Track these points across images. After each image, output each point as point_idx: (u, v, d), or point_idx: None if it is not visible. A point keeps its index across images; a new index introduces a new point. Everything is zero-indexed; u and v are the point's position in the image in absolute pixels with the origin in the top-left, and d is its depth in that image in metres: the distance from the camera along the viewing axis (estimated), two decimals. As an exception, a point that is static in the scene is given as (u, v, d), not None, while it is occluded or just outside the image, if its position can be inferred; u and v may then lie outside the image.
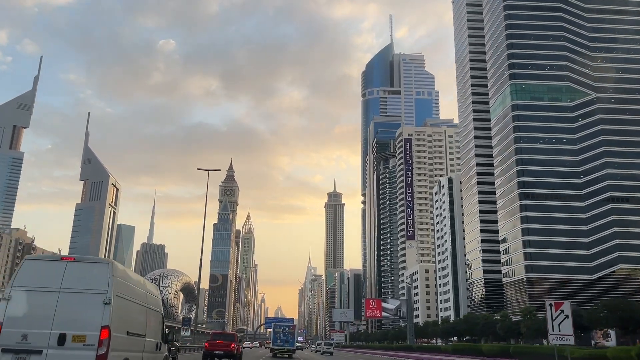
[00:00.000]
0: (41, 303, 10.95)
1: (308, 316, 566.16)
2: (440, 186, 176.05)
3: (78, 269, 11.44)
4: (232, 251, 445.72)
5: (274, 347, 55.24)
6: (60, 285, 11.10)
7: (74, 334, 10.79)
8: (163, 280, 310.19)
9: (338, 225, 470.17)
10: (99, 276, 11.31)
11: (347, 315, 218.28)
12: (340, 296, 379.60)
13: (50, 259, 12.12)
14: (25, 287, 11.10)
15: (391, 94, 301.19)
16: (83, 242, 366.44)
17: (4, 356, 10.62)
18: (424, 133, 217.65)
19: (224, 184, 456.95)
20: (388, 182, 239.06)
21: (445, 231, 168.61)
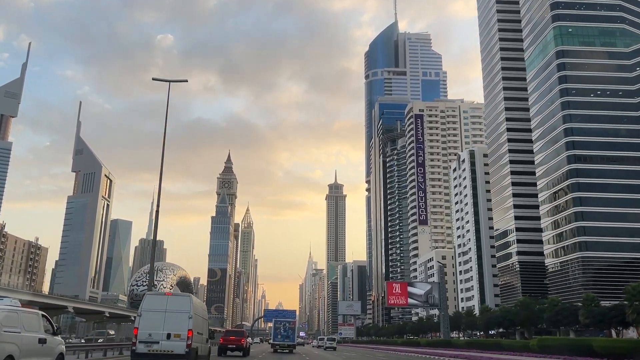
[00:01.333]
0: (157, 317, 20.19)
1: (309, 311, 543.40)
2: (459, 161, 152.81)
3: (174, 299, 21.34)
4: (231, 245, 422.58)
5: (275, 343, 55.15)
6: (165, 308, 20.41)
7: (174, 333, 20.04)
8: (158, 274, 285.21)
9: (340, 217, 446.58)
10: (185, 303, 20.84)
11: (353, 308, 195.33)
12: (343, 290, 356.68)
13: (159, 294, 24.93)
14: (148, 310, 20.47)
15: (396, 74, 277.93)
16: (76, 236, 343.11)
17: (140, 345, 20.02)
18: (436, 108, 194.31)
19: (221, 176, 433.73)
20: (396, 164, 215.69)
21: (466, 211, 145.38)
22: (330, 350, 73.55)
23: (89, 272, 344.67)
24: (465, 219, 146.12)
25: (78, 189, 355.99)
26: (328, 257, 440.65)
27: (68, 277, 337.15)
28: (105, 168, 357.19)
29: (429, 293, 79.95)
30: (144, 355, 19.70)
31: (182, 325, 19.82)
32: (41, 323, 14.93)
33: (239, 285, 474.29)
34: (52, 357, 15.21)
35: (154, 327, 19.79)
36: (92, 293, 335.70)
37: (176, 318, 19.93)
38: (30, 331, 13.98)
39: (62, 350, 16.18)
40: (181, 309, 20.19)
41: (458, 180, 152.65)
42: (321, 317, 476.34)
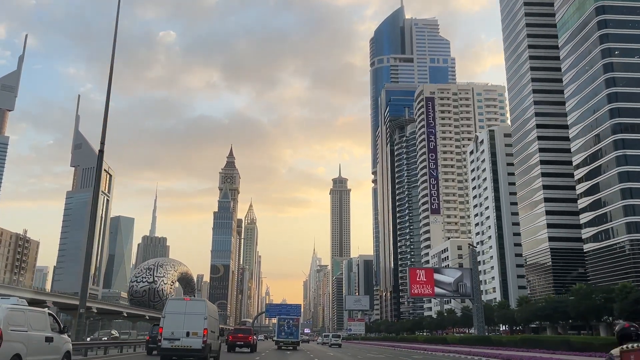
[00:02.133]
0: (178, 318, 22.83)
1: (313, 308, 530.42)
2: (477, 143, 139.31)
3: (192, 303, 24.06)
4: (234, 241, 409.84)
5: (279, 340, 54.90)
6: (185, 311, 23.13)
7: (192, 331, 22.62)
8: (158, 269, 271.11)
9: (344, 211, 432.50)
10: (200, 306, 23.74)
11: (361, 303, 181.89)
12: (348, 285, 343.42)
13: (180, 299, 25.53)
14: (171, 312, 23.18)
15: (403, 61, 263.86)
16: (75, 232, 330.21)
17: (164, 341, 22.64)
18: (448, 91, 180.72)
19: (224, 171, 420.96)
20: (405, 152, 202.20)
21: (485, 196, 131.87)
22: (335, 347, 70.89)
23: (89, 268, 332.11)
24: (485, 204, 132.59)
25: (77, 185, 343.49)
26: (332, 252, 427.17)
27: (68, 275, 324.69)
28: (104, 162, 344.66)
29: (459, 281, 66.53)
30: (168, 349, 23.03)
31: (198, 325, 22.92)
32: (48, 321, 14.87)
33: (243, 282, 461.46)
34: (59, 356, 15.27)
35: (176, 326, 22.85)
36: (92, 290, 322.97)
37: (194, 319, 23.03)
38: (37, 330, 13.93)
39: (69, 349, 16.22)
40: (197, 311, 23.49)
41: (476, 163, 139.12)
42: (326, 314, 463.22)
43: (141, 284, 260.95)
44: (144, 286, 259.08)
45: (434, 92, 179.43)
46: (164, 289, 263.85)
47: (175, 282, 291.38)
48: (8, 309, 12.81)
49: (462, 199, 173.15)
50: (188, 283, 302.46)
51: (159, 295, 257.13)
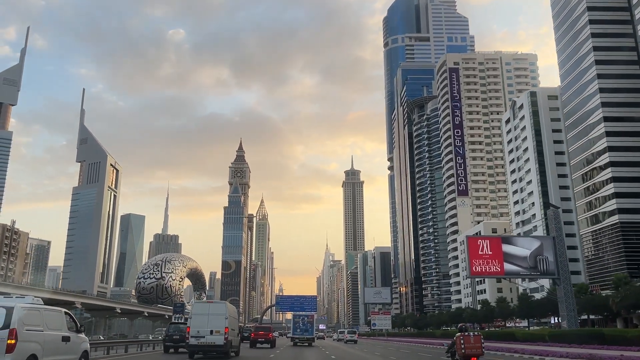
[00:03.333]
0: (202, 319, 25.81)
1: (328, 304, 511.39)
2: (514, 109, 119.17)
3: (214, 305, 27.70)
4: (245, 236, 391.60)
5: (295, 336, 55.31)
6: (208, 312, 26.27)
7: (215, 330, 25.45)
8: (166, 265, 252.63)
9: (357, 204, 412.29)
10: (221, 308, 26.92)
11: (381, 296, 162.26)
12: (364, 279, 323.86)
13: (204, 302, 30.48)
14: (196, 314, 26.55)
15: (418, 40, 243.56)
16: (82, 229, 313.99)
17: (192, 339, 25.36)
18: (474, 61, 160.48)
19: (233, 165, 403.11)
20: (426, 131, 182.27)
21: (527, 168, 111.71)
22: (351, 343, 68.65)
23: (97, 266, 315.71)
24: (526, 178, 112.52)
25: (83, 180, 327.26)
26: (346, 246, 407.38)
27: (75, 272, 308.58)
28: (110, 157, 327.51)
29: (537, 254, 46.86)
30: (195, 345, 25.75)
31: (220, 324, 25.72)
32: (64, 321, 14.38)
33: (255, 278, 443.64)
34: (76, 355, 14.75)
35: (201, 325, 25.61)
36: (101, 288, 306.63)
37: (216, 319, 25.80)
38: (53, 329, 13.45)
39: (87, 348, 15.68)
40: (219, 312, 26.37)
41: (513, 133, 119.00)
42: (340, 309, 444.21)
43: (148, 280, 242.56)
44: (152, 282, 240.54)
45: (458, 62, 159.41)
46: (173, 285, 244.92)
47: (184, 278, 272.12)
48: (23, 308, 12.38)
49: (493, 179, 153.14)
50: (198, 279, 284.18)
51: (167, 292, 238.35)
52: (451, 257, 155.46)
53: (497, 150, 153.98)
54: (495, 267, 46.50)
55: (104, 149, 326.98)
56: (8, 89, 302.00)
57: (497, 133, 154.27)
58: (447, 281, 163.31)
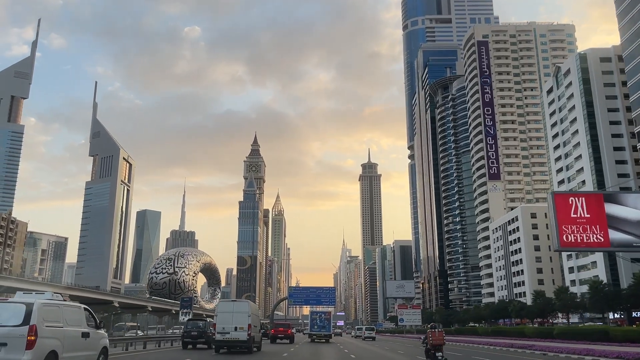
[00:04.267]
0: (227, 316, 27.45)
1: (345, 300, 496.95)
2: (557, 77, 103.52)
3: (238, 304, 28.79)
4: (261, 231, 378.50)
5: (312, 333, 56.16)
6: (232, 310, 27.87)
7: (239, 326, 27.14)
8: (178, 260, 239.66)
9: (375, 198, 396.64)
10: (245, 306, 28.52)
11: (405, 289, 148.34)
12: (382, 274, 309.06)
13: (228, 301, 29.71)
14: (221, 312, 28.12)
15: (440, 22, 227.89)
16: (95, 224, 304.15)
17: (217, 334, 27.37)
18: (505, 33, 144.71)
19: (248, 159, 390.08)
20: (452, 112, 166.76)
21: (576, 142, 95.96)
22: (369, 340, 66.62)
23: (110, 261, 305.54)
24: (574, 154, 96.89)
25: (96, 174, 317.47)
26: (364, 241, 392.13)
27: (89, 268, 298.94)
28: (123, 151, 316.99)
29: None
30: (221, 341, 27.65)
31: (244, 321, 27.34)
32: (84, 317, 14.15)
33: (271, 274, 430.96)
34: (96, 351, 14.49)
35: (226, 322, 27.32)
36: (115, 284, 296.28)
37: (240, 316, 27.41)
38: (73, 325, 13.24)
39: (106, 344, 15.31)
40: (242, 310, 27.99)
41: (557, 103, 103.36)
42: (358, 306, 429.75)
43: (161, 275, 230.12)
44: (164, 277, 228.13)
45: (487, 34, 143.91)
46: (186, 280, 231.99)
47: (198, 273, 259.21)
48: (43, 304, 12.20)
49: (527, 161, 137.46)
50: (212, 274, 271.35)
51: (181, 287, 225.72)
52: (481, 247, 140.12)
53: (531, 130, 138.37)
54: (597, 236, 31.91)
55: (117, 143, 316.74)
56: (20, 83, 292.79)
57: (532, 111, 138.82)
58: (477, 273, 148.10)
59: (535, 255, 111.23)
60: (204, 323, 35.17)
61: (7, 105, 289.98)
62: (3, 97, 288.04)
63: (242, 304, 28.97)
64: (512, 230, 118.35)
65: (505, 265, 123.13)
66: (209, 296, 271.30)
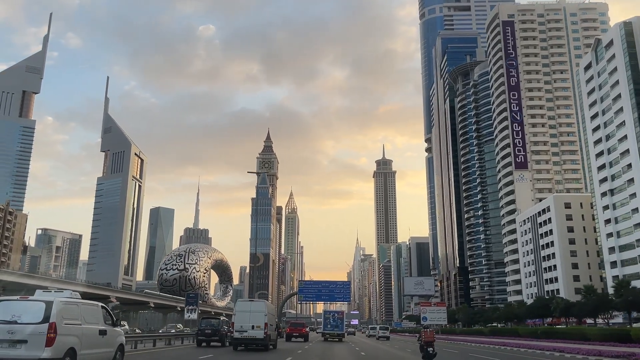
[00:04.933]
0: (245, 315, 28.21)
1: (359, 299, 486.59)
2: (597, 51, 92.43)
3: (255, 303, 29.75)
4: (274, 228, 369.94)
5: (325, 332, 56.18)
6: (250, 309, 28.68)
7: (256, 325, 27.89)
8: (189, 256, 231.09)
9: (390, 195, 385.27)
10: (261, 306, 29.37)
11: (424, 286, 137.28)
12: (397, 272, 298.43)
13: (246, 300, 30.82)
14: (239, 311, 28.91)
15: (458, 10, 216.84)
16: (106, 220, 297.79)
17: (235, 332, 28.14)
18: (532, 12, 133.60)
19: (261, 156, 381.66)
20: (473, 99, 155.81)
21: (620, 121, 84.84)
22: (383, 340, 64.17)
23: (122, 258, 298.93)
24: (618, 135, 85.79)
25: (107, 170, 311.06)
26: (378, 239, 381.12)
27: (100, 265, 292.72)
28: (135, 146, 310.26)
29: None
30: (239, 339, 28.33)
31: (260, 320, 28.03)
32: (101, 315, 14.36)
33: (285, 272, 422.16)
34: (112, 348, 14.67)
35: (244, 321, 28.04)
36: (126, 280, 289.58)
37: (257, 315, 28.12)
38: (90, 323, 13.46)
39: (122, 341, 15.51)
40: (259, 309, 28.77)
41: (596, 80, 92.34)
42: (372, 305, 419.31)
43: (171, 271, 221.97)
44: (174, 274, 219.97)
45: (512, 14, 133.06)
46: (196, 277, 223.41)
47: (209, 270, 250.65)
48: (62, 302, 12.47)
49: (557, 148, 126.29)
50: (224, 271, 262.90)
51: (191, 284, 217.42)
52: (507, 241, 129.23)
53: (561, 115, 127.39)
54: None
55: (128, 138, 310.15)
56: (31, 77, 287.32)
57: (562, 95, 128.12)
58: (501, 270, 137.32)
59: (570, 249, 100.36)
60: (218, 321, 35.40)
61: (19, 100, 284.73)
62: (14, 92, 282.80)
63: (259, 303, 30.15)
64: (542, 222, 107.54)
65: (534, 261, 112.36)
66: (221, 294, 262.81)
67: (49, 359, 11.48)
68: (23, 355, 11.38)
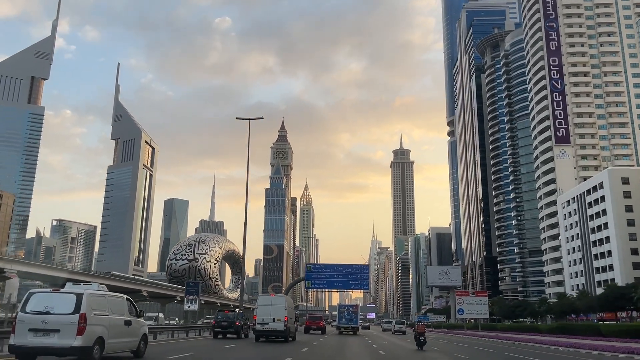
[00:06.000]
0: (266, 309, 29.55)
1: (375, 292, 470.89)
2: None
3: (275, 298, 31.58)
4: (287, 219, 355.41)
5: (340, 325, 56.33)
6: (271, 303, 29.94)
7: (276, 318, 29.09)
8: (199, 246, 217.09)
9: (407, 186, 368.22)
10: (282, 300, 30.69)
11: (450, 277, 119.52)
12: (415, 265, 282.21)
13: (267, 295, 36.02)
14: (261, 305, 30.47)
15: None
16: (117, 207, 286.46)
17: (257, 325, 29.42)
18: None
19: (275, 146, 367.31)
20: (504, 71, 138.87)
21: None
22: (399, 334, 61.00)
23: (132, 247, 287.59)
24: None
25: (118, 158, 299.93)
26: (395, 231, 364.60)
27: (110, 254, 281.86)
28: (145, 134, 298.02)
29: None
30: (261, 330, 29.59)
31: (281, 313, 29.36)
32: (126, 306, 15.12)
33: (299, 265, 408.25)
34: (137, 338, 15.37)
35: (265, 314, 29.43)
36: (137, 271, 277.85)
37: (277, 309, 29.50)
38: (116, 314, 14.17)
39: (146, 332, 16.30)
40: (280, 303, 29.99)
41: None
42: (389, 299, 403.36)
43: (180, 262, 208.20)
44: (184, 264, 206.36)
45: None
46: (207, 267, 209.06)
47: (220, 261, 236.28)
48: (91, 294, 13.11)
49: (604, 121, 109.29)
50: (236, 262, 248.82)
51: (201, 275, 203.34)
52: (545, 226, 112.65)
53: (609, 83, 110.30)
54: None
55: (139, 126, 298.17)
56: (40, 63, 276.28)
57: (610, 60, 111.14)
58: (537, 259, 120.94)
59: (629, 232, 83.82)
60: (234, 314, 35.05)
61: (28, 86, 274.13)
62: (23, 77, 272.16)
63: (280, 298, 31.85)
64: (592, 201, 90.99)
65: (581, 247, 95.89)
66: (233, 285, 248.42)
67: (80, 347, 12.17)
68: (56, 343, 12.12)
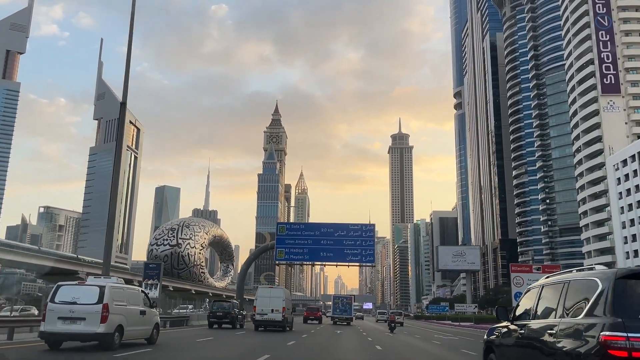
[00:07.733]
0: (265, 300, 30.92)
1: (371, 283, 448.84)
2: None
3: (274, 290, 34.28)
4: (281, 207, 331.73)
5: (334, 316, 56.81)
6: (270, 295, 31.48)
7: (275, 309, 30.26)
8: (182, 230, 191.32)
9: (406, 171, 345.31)
10: (280, 292, 32.78)
11: (466, 259, 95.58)
12: (415, 253, 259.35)
13: (266, 287, 40.08)
14: (260, 296, 31.77)
15: None
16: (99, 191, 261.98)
17: (257, 315, 30.62)
18: None
19: (269, 130, 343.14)
20: (530, 18, 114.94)
21: None
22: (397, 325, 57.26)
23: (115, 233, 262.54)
24: None
25: (100, 139, 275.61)
26: (393, 218, 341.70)
27: (92, 241, 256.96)
28: (130, 114, 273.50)
29: None
30: (260, 320, 30.73)
31: (279, 304, 30.51)
32: (141, 298, 16.31)
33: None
34: (150, 326, 16.56)
35: (264, 305, 30.68)
36: (120, 258, 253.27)
37: (276, 301, 30.69)
38: (133, 305, 15.35)
39: (158, 321, 17.39)
40: (278, 295, 31.51)
41: None
42: (385, 289, 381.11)
43: (162, 247, 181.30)
44: (165, 250, 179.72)
45: None
46: (190, 253, 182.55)
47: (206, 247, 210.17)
48: (112, 287, 14.30)
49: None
50: (224, 249, 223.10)
51: (185, 262, 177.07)
52: (586, 196, 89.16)
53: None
54: None
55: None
56: (16, 36, 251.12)
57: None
58: (570, 238, 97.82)
59: None
60: (229, 304, 35.79)
61: (2, 60, 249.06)
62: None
63: (278, 290, 34.01)
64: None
65: (642, 218, 72.78)
66: (221, 274, 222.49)
67: (103, 333, 13.45)
68: (82, 329, 13.39)
